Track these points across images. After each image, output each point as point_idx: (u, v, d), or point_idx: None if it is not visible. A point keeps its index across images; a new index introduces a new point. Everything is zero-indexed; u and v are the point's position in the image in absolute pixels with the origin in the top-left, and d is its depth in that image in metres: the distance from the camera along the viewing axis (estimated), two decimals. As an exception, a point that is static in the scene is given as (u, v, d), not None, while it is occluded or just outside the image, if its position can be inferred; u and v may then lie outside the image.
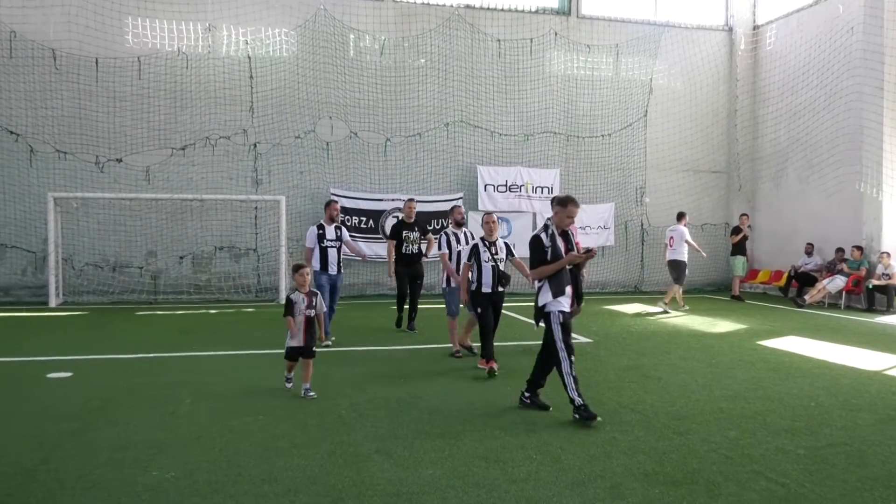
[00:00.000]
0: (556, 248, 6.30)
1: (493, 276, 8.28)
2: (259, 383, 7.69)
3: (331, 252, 10.19)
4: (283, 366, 7.36)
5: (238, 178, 16.72)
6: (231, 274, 16.69)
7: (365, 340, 10.76)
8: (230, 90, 16.58)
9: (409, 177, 17.63)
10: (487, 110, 18.11)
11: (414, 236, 11.37)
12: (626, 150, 19.02)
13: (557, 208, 6.42)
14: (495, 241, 8.42)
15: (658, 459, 5.24)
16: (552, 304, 6.28)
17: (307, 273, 7.17)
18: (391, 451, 5.38)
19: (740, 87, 19.58)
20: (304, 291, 7.04)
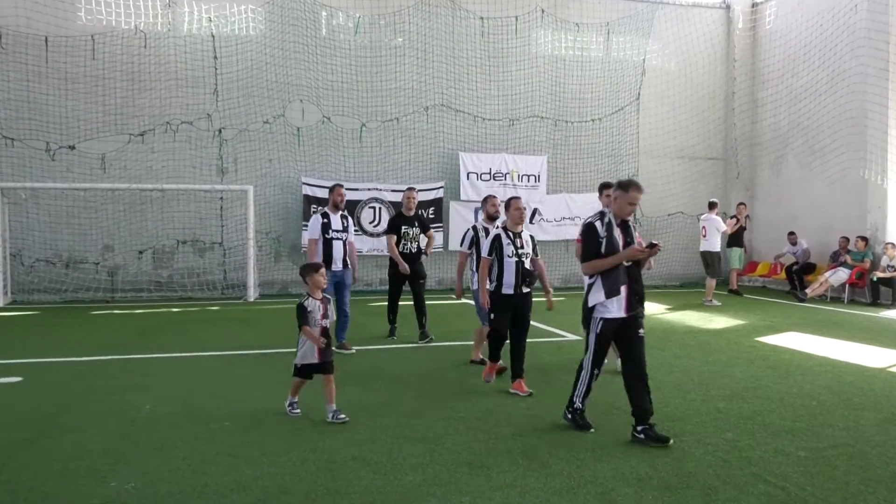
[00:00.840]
0: (613, 240, 5.82)
1: (516, 274, 7.35)
2: (226, 387, 7.65)
3: (336, 245, 9.53)
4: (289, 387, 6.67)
5: (202, 166, 16.61)
6: (195, 270, 16.59)
7: (339, 340, 10.74)
8: (192, 71, 16.45)
9: (386, 164, 17.61)
10: (470, 93, 18.10)
11: (413, 232, 10.57)
12: (617, 135, 19.10)
13: (617, 193, 5.89)
14: (520, 232, 7.52)
15: (651, 463, 5.28)
16: (600, 308, 5.86)
17: (325, 275, 6.58)
18: (368, 458, 5.38)
19: (738, 69, 19.72)
20: (319, 297, 6.47)
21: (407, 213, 10.61)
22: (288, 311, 14.20)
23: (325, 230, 9.51)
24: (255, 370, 8.57)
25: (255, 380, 8.03)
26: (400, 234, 10.48)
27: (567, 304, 14.40)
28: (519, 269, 7.37)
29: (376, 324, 11.99)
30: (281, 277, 17.18)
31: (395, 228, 10.55)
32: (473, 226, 8.88)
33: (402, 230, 10.50)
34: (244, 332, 11.48)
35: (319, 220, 9.56)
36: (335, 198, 9.74)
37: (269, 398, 7.12)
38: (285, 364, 8.85)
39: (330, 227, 9.52)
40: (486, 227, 8.67)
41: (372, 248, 17.17)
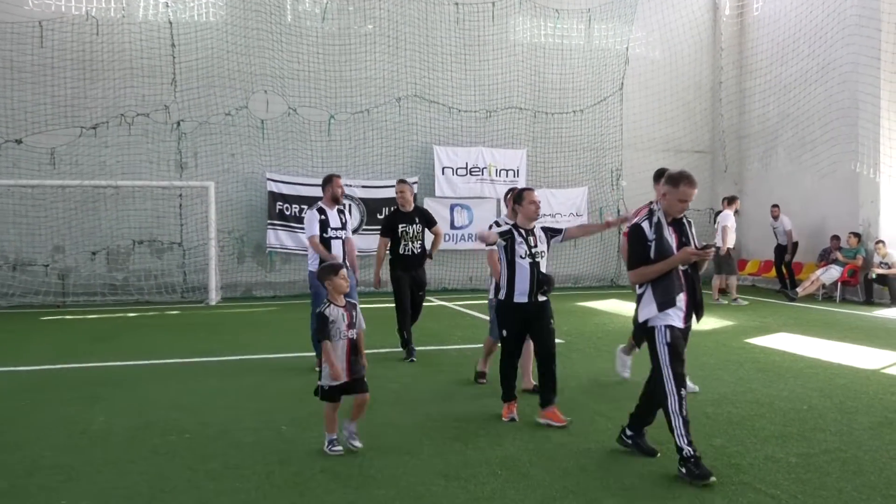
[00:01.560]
0: (664, 242, 5.26)
1: (531, 279, 6.45)
2: (186, 397, 7.59)
3: (334, 245, 8.73)
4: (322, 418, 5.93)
5: (159, 161, 16.48)
6: (152, 271, 16.46)
7: (307, 345, 10.68)
8: (149, 60, 16.31)
9: (356, 159, 17.58)
10: (444, 83, 18.11)
11: (414, 230, 9.55)
12: (599, 127, 19.20)
13: (666, 188, 5.35)
14: (533, 228, 6.64)
15: (637, 472, 5.30)
16: (658, 318, 5.27)
17: (347, 277, 5.90)
18: (338, 470, 5.35)
19: (725, 58, 19.90)
20: (342, 304, 5.75)
21: (404, 208, 9.61)
22: (253, 316, 14.21)
23: (322, 229, 8.70)
24: (218, 378, 8.51)
25: (217, 389, 7.97)
26: (398, 235, 9.48)
27: (548, 306, 14.46)
28: (534, 274, 6.46)
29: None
30: (245, 279, 17.09)
31: (390, 230, 9.55)
32: (496, 221, 7.86)
33: (399, 230, 9.49)
34: (206, 338, 11.39)
35: (316, 216, 8.76)
36: (334, 190, 8.88)
37: (233, 408, 7.06)
38: (250, 371, 8.83)
39: (328, 224, 8.74)
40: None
41: (342, 248, 17.11)
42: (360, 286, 9.42)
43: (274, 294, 17.19)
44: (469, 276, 18.47)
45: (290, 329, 12.21)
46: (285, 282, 17.35)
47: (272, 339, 11.29)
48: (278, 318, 13.61)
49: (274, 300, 16.72)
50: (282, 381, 8.29)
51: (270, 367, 9.18)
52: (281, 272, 17.34)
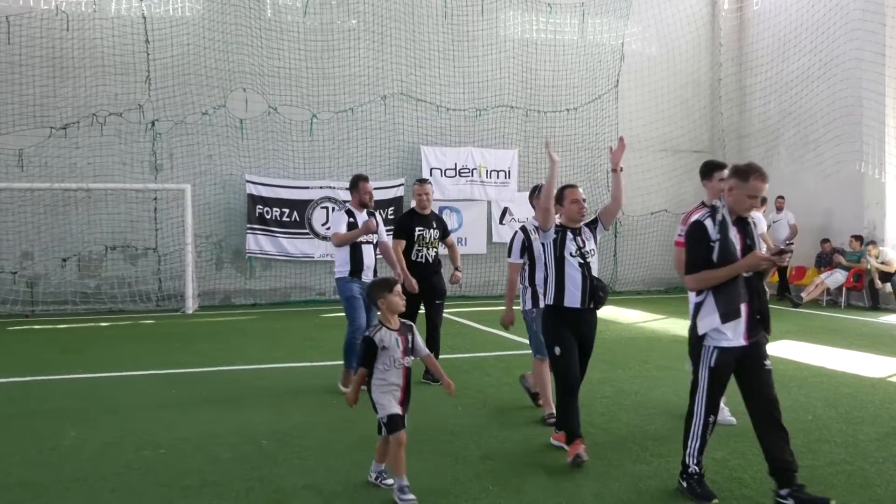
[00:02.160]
0: (729, 243, 4.85)
1: (582, 281, 5.86)
2: (162, 410, 7.55)
3: (365, 251, 8.32)
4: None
5: (133, 162, 16.42)
6: (126, 279, 16.38)
7: (289, 354, 10.68)
8: (122, 57, 16.25)
9: (339, 160, 17.55)
10: (432, 81, 18.12)
11: (431, 235, 9.04)
12: (594, 126, 19.24)
13: (733, 182, 4.93)
14: (580, 227, 6.08)
15: (634, 486, 5.30)
16: (713, 335, 4.93)
17: (401, 294, 5.31)
18: (321, 487, 5.34)
19: (724, 54, 19.99)
20: (396, 327, 5.19)
21: (421, 210, 9.06)
22: (232, 325, 14.16)
23: (350, 231, 8.29)
24: (195, 391, 8.47)
25: (194, 401, 7.94)
26: (413, 239, 8.91)
27: (541, 313, 14.46)
28: (585, 277, 5.87)
29: (331, 337, 11.92)
30: (223, 287, 17.03)
31: (404, 231, 8.99)
32: (522, 227, 7.27)
33: (415, 233, 8.93)
34: (182, 349, 11.34)
35: (344, 217, 8.36)
36: (361, 197, 8.47)
37: (211, 421, 7.04)
38: (229, 383, 8.80)
39: (356, 227, 8.28)
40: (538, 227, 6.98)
41: (325, 253, 17.08)
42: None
43: (254, 302, 17.14)
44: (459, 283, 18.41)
45: (271, 338, 12.18)
46: (266, 289, 17.30)
47: (252, 349, 11.26)
48: (259, 327, 13.57)
49: (254, 308, 16.67)
50: (263, 393, 8.26)
51: (250, 378, 9.15)
52: (261, 279, 17.29)
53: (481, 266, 18.36)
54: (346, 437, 6.54)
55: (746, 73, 19.87)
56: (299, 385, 8.67)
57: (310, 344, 11.63)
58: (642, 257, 19.47)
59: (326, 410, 7.49)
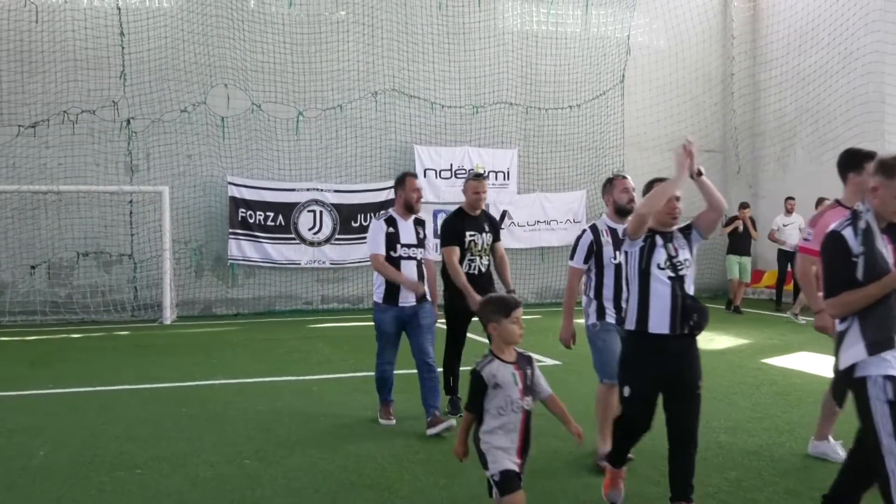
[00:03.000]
0: (877, 255, 4.12)
1: (673, 301, 4.92)
2: (138, 427, 7.53)
3: (406, 267, 7.42)
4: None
5: (107, 163, 16.40)
6: (99, 287, 16.35)
7: (274, 368, 10.66)
8: (95, 51, 16.24)
9: (327, 160, 17.56)
10: (426, 76, 18.14)
11: (484, 241, 8.02)
12: (599, 124, 19.27)
13: (878, 179, 4.22)
14: (672, 232, 5.13)
15: (644, 509, 5.30)
16: (868, 363, 4.13)
17: (521, 321, 4.37)
18: (308, 509, 5.33)
19: (737, 47, 20.04)
20: (512, 359, 4.34)
21: (472, 210, 8.07)
22: (213, 336, 14.14)
23: (390, 244, 7.41)
24: (173, 406, 8.45)
25: (172, 418, 7.92)
26: (464, 245, 7.92)
27: (543, 323, 14.46)
28: (677, 295, 4.93)
29: (318, 349, 11.92)
30: (203, 296, 17.01)
31: (456, 236, 7.96)
32: (592, 225, 6.46)
33: (466, 238, 7.93)
34: (159, 362, 11.32)
35: (382, 227, 7.44)
36: (408, 195, 7.52)
37: (190, 439, 7.02)
38: (209, 398, 8.78)
39: (397, 239, 7.41)
40: (613, 228, 6.34)
41: (312, 260, 17.09)
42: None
43: (236, 311, 17.13)
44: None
45: (255, 351, 12.17)
46: (249, 298, 17.29)
47: (235, 361, 11.24)
48: (242, 339, 13.55)
49: (237, 318, 16.66)
50: (245, 409, 8.24)
51: (232, 393, 9.13)
52: (244, 287, 17.28)
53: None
54: (336, 456, 6.53)
55: (760, 68, 19.92)
56: (285, 401, 8.65)
57: (296, 357, 11.61)
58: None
59: (314, 428, 7.48)
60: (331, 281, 17.77)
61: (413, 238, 7.51)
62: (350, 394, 9.01)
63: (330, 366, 10.84)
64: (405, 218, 7.54)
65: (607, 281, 6.29)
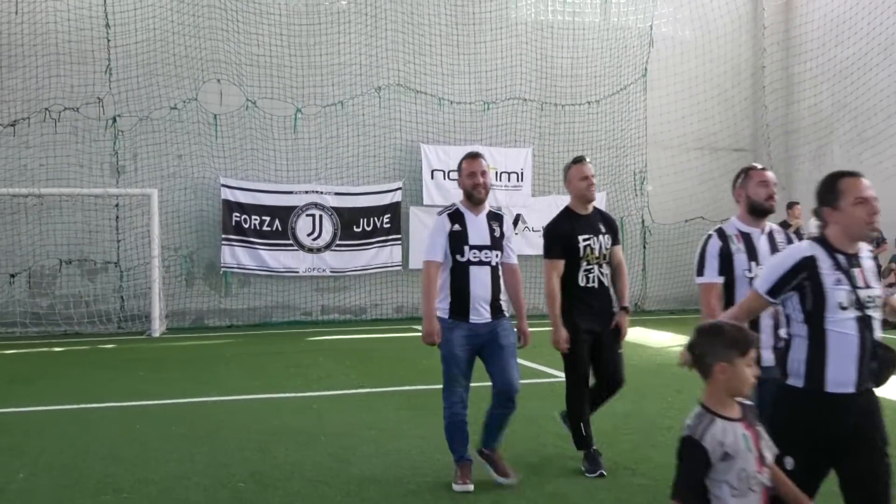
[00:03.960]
0: None
1: (861, 351, 3.97)
2: (124, 448, 7.54)
3: (476, 275, 6.19)
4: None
5: (91, 164, 16.44)
6: (83, 297, 16.38)
7: (270, 384, 10.66)
8: (78, 44, 16.30)
9: (327, 161, 17.57)
10: (433, 70, 18.16)
11: (602, 244, 6.69)
12: (619, 121, 19.25)
13: None
14: (857, 253, 4.10)
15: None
16: None
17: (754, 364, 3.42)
18: (307, 536, 5.32)
19: (769, 37, 19.99)
20: (738, 415, 3.41)
21: (584, 209, 6.81)
22: (205, 349, 14.15)
23: (456, 245, 6.25)
24: (162, 425, 8.45)
25: (161, 438, 7.91)
26: (577, 254, 6.62)
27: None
28: (866, 340, 3.98)
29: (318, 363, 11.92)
30: (195, 306, 17.03)
31: (564, 245, 6.66)
32: (719, 229, 5.58)
33: (579, 244, 6.62)
34: (148, 377, 11.32)
35: (445, 225, 6.32)
36: (463, 181, 6.45)
37: (180, 460, 7.01)
38: (201, 416, 8.79)
39: (464, 238, 6.24)
40: (745, 232, 5.51)
41: (311, 268, 17.10)
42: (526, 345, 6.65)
43: (230, 323, 17.14)
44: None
45: (249, 365, 12.16)
46: (244, 308, 17.30)
47: (228, 377, 11.24)
48: (236, 353, 13.54)
49: (230, 331, 16.67)
50: (240, 429, 8.23)
51: (226, 411, 9.13)
52: (238, 297, 17.30)
53: (491, 282, 18.33)
54: (336, 480, 6.52)
55: (794, 60, 19.87)
56: (282, 419, 8.64)
57: (294, 372, 11.60)
58: (675, 272, 19.41)
59: (314, 448, 7.47)
60: (331, 290, 17.77)
61: (486, 237, 6.30)
62: (353, 412, 9.00)
63: (331, 382, 10.83)
64: (475, 212, 6.42)
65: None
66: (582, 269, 6.62)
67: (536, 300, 18.57)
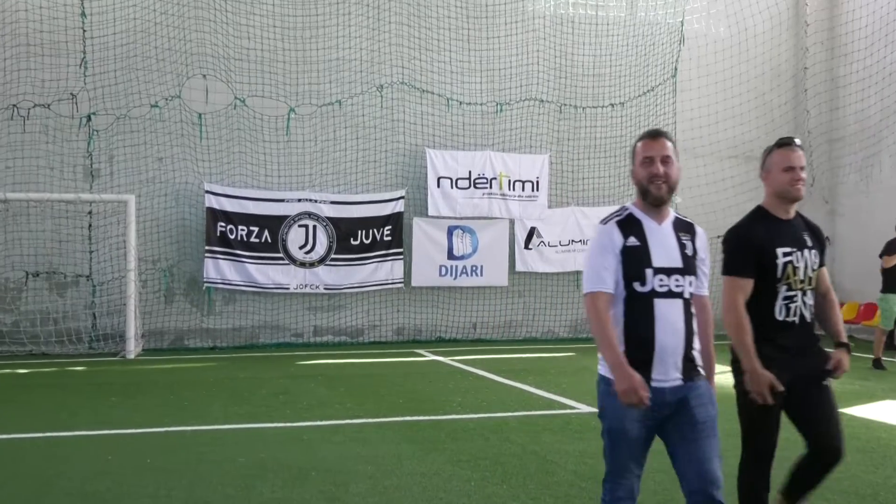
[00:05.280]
0: None
1: None
2: (96, 481, 7.53)
3: (664, 312, 4.71)
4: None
5: (63, 167, 16.47)
6: (51, 314, 16.38)
7: (257, 412, 10.65)
8: (50, 34, 16.35)
9: (322, 165, 17.59)
10: (441, 67, 18.18)
11: (808, 262, 5.50)
12: (646, 125, 19.17)
13: None
14: None
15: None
16: None
17: None
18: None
19: (811, 36, 20.00)
20: None
21: (783, 212, 5.60)
22: (185, 373, 14.13)
23: (634, 268, 4.77)
24: (137, 457, 8.44)
25: (136, 471, 7.90)
26: (776, 276, 5.45)
27: (579, 362, 14.40)
28: None
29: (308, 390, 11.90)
30: (174, 325, 17.02)
31: (752, 257, 5.49)
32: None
33: (777, 260, 5.44)
34: (121, 404, 11.32)
35: (614, 239, 4.84)
36: (643, 170, 4.89)
37: (157, 496, 7.00)
38: (180, 447, 8.78)
39: (646, 258, 4.78)
40: None
41: (303, 284, 17.08)
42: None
43: (213, 344, 17.13)
44: (472, 323, 18.44)
45: (234, 392, 12.15)
46: (228, 328, 17.29)
47: (210, 404, 11.22)
48: (219, 377, 13.54)
49: (213, 353, 16.67)
50: (222, 461, 8.22)
51: (207, 442, 9.11)
52: (222, 315, 17.29)
53: (501, 302, 18.35)
54: (327, 520, 6.51)
55: (839, 61, 19.87)
56: (270, 452, 8.63)
57: (283, 399, 11.59)
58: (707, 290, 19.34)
59: (304, 485, 7.45)
60: (325, 309, 17.76)
61: (675, 256, 4.86)
62: (347, 444, 8.98)
63: (323, 411, 10.80)
64: (657, 218, 4.98)
65: None
66: (781, 296, 5.42)
67: (552, 323, 18.62)
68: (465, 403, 11.13)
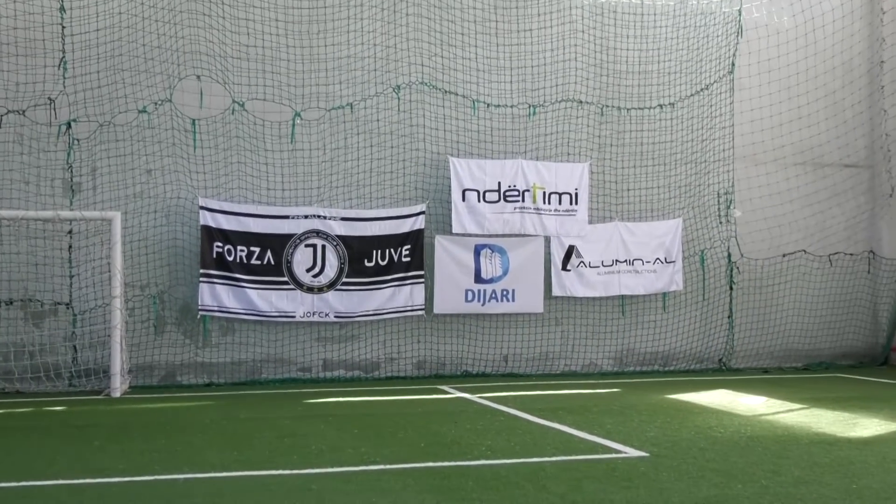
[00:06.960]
0: None
1: None
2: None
3: None
4: None
5: (39, 180, 16.56)
6: (27, 347, 16.44)
7: (259, 458, 10.66)
8: (26, 31, 16.46)
9: (332, 177, 17.63)
10: (465, 65, 18.23)
11: None
12: (699, 129, 19.23)
13: None
14: None
15: None
16: None
17: None
18: None
19: (888, 25, 19.96)
20: None
21: None
22: (177, 414, 14.16)
23: None
24: (123, 510, 8.49)
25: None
26: None
27: (625, 398, 14.34)
28: None
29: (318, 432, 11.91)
30: (165, 359, 17.05)
31: None
32: None
33: None
34: (106, 448, 11.35)
35: None
36: None
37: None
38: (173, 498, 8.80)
39: None
40: None
41: (311, 311, 17.08)
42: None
43: (209, 381, 17.15)
44: (503, 355, 18.39)
45: (233, 434, 12.17)
46: (226, 362, 17.31)
47: (206, 449, 11.24)
48: (216, 418, 13.56)
49: (209, 390, 16.70)
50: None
51: (204, 492, 9.13)
52: (220, 348, 17.32)
53: (536, 332, 18.31)
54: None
55: (920, 54, 19.83)
56: (274, 503, 8.65)
57: (289, 443, 11.60)
58: (770, 319, 19.31)
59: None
60: (336, 340, 17.77)
61: None
62: (362, 494, 8.98)
63: (335, 456, 10.80)
64: None
65: None
66: None
67: (594, 355, 18.56)
68: (496, 447, 11.10)
